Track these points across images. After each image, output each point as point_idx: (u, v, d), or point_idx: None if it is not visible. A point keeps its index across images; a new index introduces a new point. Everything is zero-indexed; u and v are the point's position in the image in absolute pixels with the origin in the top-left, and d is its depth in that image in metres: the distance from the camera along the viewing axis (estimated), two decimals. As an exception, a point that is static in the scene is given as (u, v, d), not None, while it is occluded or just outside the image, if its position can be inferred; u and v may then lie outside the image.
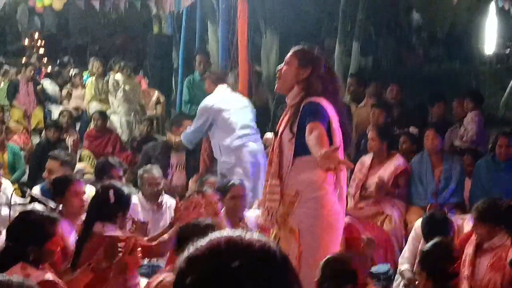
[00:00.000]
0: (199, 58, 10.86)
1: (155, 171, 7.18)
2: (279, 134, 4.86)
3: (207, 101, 7.86)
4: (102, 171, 6.87)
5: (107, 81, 13.10)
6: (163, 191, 7.25)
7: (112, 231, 4.88)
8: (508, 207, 5.73)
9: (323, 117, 4.61)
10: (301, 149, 4.66)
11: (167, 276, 4.35)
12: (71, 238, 5.38)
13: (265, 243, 1.67)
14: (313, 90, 4.78)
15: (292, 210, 4.74)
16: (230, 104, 7.83)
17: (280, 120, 5.02)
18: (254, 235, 1.68)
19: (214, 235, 1.69)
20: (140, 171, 7.24)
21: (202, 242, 1.67)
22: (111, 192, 4.74)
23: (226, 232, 1.71)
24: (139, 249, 4.36)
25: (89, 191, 5.97)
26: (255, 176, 7.58)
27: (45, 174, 7.01)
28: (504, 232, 5.62)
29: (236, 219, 6.52)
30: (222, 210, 6.58)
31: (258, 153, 7.61)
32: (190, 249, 1.68)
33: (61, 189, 5.70)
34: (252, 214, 6.70)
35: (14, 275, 3.65)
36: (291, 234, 4.76)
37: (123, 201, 4.75)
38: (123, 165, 7.26)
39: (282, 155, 4.79)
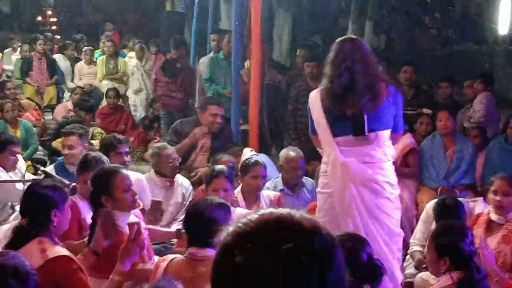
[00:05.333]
0: (214, 36, 10.90)
1: (168, 147, 7.21)
2: None
3: None
4: (109, 147, 6.80)
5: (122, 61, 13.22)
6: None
7: (119, 219, 4.84)
8: None
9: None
10: None
11: (175, 256, 4.36)
12: (88, 218, 5.40)
13: (316, 224, 1.64)
14: None
15: None
16: None
17: None
18: (303, 215, 1.65)
19: (264, 213, 1.65)
20: (155, 149, 7.17)
21: (252, 217, 1.64)
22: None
23: (275, 210, 1.66)
24: (145, 234, 4.28)
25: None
26: None
27: (65, 151, 6.96)
28: None
29: (252, 198, 6.56)
30: (238, 189, 6.65)
31: None
32: (238, 224, 1.63)
33: (83, 168, 5.71)
34: (269, 193, 6.76)
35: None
36: None
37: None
38: (128, 142, 7.24)
39: None
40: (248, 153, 7.79)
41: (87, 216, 5.35)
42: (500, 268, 5.40)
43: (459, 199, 6.52)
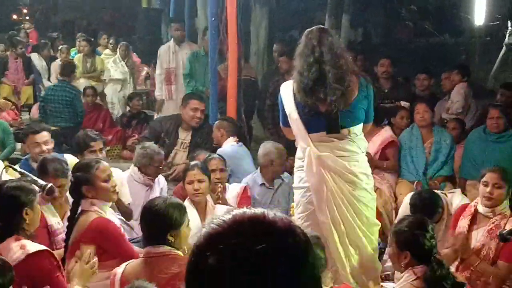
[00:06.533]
0: (176, 26, 10.98)
1: (162, 152, 7.20)
2: None
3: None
4: (83, 145, 6.76)
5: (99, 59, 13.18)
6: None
7: (102, 207, 4.88)
8: None
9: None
10: None
11: (130, 261, 4.33)
12: (54, 223, 5.39)
13: (289, 223, 1.63)
14: None
15: None
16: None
17: None
18: (277, 215, 1.63)
19: (237, 213, 1.63)
20: (147, 150, 7.05)
21: (225, 218, 1.62)
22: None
23: (249, 210, 1.65)
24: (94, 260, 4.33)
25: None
26: None
27: (41, 147, 6.77)
28: (508, 201, 5.72)
29: (216, 193, 6.54)
30: None
31: None
32: (211, 225, 1.62)
33: (43, 173, 5.65)
34: (234, 188, 6.77)
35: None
36: None
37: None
38: (102, 137, 7.16)
39: None
40: (230, 141, 7.82)
41: (53, 221, 5.33)
42: (482, 259, 5.47)
43: (437, 191, 6.55)
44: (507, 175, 5.78)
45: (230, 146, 7.83)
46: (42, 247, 4.16)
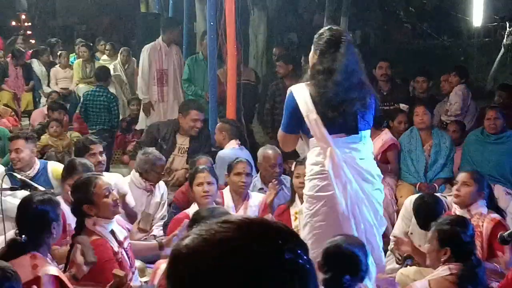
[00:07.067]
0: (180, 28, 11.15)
1: (163, 157, 7.21)
2: None
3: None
4: (83, 149, 6.75)
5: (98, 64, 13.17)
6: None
7: (104, 226, 4.85)
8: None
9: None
10: None
11: None
12: (73, 223, 5.42)
13: (292, 229, 1.63)
14: None
15: None
16: None
17: None
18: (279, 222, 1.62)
19: (239, 218, 1.61)
20: (150, 156, 7.06)
21: (229, 223, 1.58)
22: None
23: (249, 216, 1.63)
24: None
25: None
26: None
27: (13, 154, 6.72)
28: (483, 199, 5.79)
29: (239, 197, 6.58)
30: (227, 188, 6.65)
31: None
32: (216, 229, 1.57)
33: (69, 173, 5.74)
34: (257, 197, 6.77)
35: None
36: None
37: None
38: (102, 141, 7.17)
39: None
40: (233, 144, 7.84)
41: (72, 220, 5.36)
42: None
43: (437, 194, 6.56)
44: (479, 176, 5.88)
45: (231, 149, 7.85)
46: (54, 271, 4.12)
